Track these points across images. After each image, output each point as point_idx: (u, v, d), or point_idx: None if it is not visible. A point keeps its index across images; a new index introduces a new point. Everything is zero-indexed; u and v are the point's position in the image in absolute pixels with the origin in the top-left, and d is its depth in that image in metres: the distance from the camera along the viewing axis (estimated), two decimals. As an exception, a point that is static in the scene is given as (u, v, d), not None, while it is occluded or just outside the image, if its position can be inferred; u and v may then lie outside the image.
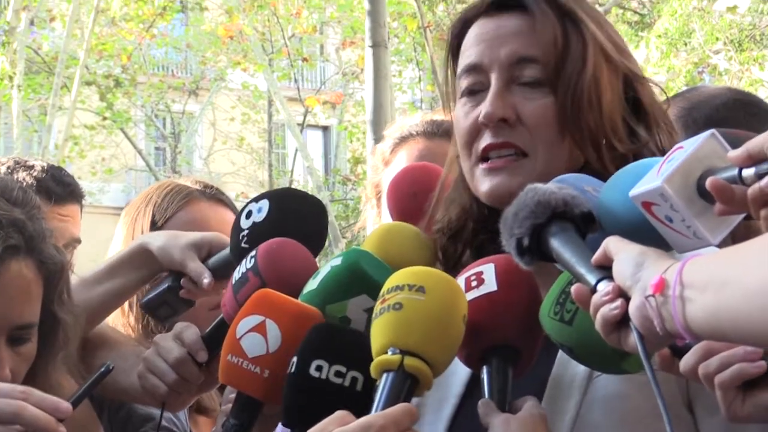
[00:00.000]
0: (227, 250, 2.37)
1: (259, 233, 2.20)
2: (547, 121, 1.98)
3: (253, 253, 2.08)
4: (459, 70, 2.07)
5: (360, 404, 1.72)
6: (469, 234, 2.08)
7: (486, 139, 2.00)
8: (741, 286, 1.36)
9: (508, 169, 1.98)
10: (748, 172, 1.48)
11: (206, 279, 2.40)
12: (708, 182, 1.52)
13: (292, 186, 22.98)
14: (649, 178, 1.61)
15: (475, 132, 2.02)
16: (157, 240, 2.50)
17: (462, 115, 2.05)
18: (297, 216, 2.22)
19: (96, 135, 21.33)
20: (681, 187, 1.57)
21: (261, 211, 2.23)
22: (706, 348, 1.66)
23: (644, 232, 1.63)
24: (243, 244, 2.23)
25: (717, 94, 2.71)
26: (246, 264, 2.08)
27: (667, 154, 1.61)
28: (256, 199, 2.27)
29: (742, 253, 1.39)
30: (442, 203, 2.15)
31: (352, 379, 1.77)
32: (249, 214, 2.24)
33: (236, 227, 2.27)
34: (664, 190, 1.57)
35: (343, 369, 1.77)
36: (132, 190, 27.48)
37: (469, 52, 2.05)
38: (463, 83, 2.06)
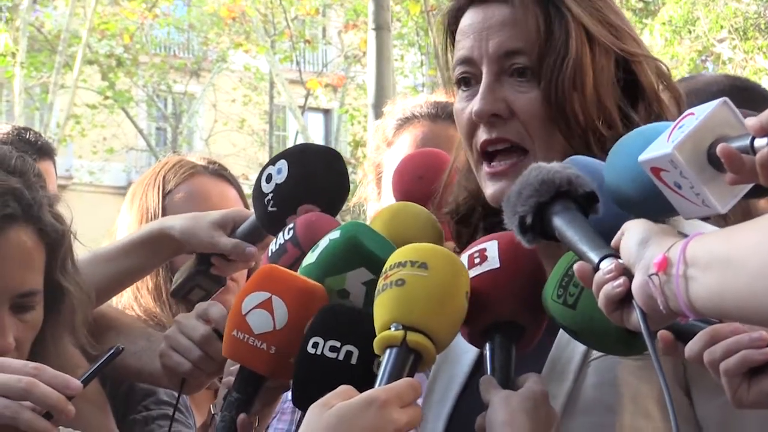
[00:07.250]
0: (251, 219, 2.39)
1: (285, 193, 2.22)
2: (538, 114, 1.96)
3: (290, 225, 2.10)
4: (453, 61, 2.07)
5: (355, 376, 1.74)
6: (478, 216, 2.08)
7: (482, 135, 1.99)
8: (745, 266, 1.35)
9: (511, 173, 1.95)
10: (761, 143, 1.43)
11: (249, 248, 2.40)
12: (719, 148, 1.48)
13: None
14: (659, 143, 1.59)
15: (471, 127, 2.01)
16: (177, 224, 2.47)
17: (459, 108, 2.04)
18: (317, 169, 2.24)
19: (97, 114, 21.35)
20: (691, 154, 1.54)
21: (281, 172, 2.24)
22: (711, 334, 1.65)
23: (651, 196, 1.62)
24: (270, 208, 2.24)
25: (714, 81, 2.69)
26: (284, 236, 2.10)
27: (677, 120, 1.59)
28: (272, 162, 2.27)
29: (745, 233, 1.38)
30: (454, 186, 2.15)
31: (346, 353, 1.78)
32: (269, 178, 2.25)
33: (259, 193, 2.27)
34: (674, 157, 1.54)
35: (337, 344, 1.79)
36: (132, 170, 27.50)
37: (461, 44, 2.04)
38: (458, 74, 2.05)
